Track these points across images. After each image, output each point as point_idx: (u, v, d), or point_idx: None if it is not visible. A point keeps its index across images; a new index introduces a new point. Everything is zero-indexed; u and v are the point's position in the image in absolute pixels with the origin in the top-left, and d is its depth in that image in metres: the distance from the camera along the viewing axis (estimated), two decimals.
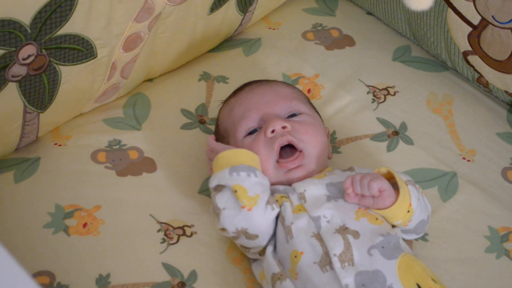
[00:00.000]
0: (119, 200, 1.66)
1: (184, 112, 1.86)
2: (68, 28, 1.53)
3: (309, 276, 1.40)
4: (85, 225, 1.61)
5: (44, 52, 1.53)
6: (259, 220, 1.47)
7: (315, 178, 1.56)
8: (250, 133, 1.61)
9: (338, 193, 1.52)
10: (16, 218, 1.61)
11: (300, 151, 1.57)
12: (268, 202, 1.48)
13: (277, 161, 1.57)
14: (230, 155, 1.51)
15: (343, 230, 1.44)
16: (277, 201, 1.51)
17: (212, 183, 1.50)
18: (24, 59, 1.50)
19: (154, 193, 1.69)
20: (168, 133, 1.81)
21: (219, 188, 1.49)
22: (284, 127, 1.57)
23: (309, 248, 1.43)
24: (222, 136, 1.69)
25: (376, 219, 1.49)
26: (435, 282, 1.41)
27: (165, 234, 1.61)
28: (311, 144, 1.58)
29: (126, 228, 1.62)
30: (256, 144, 1.58)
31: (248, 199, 1.45)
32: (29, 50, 1.50)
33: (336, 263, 1.39)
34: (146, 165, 1.74)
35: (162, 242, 1.60)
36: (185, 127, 1.83)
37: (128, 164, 1.73)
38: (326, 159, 1.64)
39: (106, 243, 1.59)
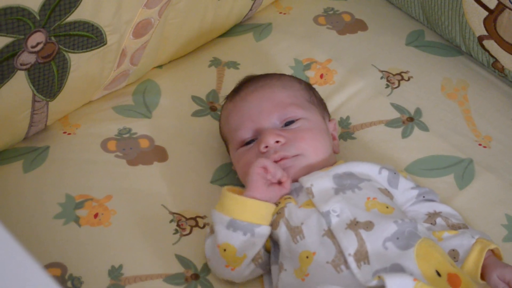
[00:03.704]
0: (131, 190, 1.63)
1: (195, 99, 1.83)
2: (77, 14, 1.49)
3: (323, 277, 1.36)
4: (96, 215, 1.58)
5: (53, 39, 1.49)
6: (241, 276, 1.48)
7: (321, 171, 1.52)
8: (247, 142, 1.58)
9: (344, 184, 1.49)
10: (26, 209, 1.58)
11: (295, 155, 1.54)
12: (254, 259, 1.46)
13: None
14: (237, 204, 1.45)
15: (354, 225, 1.40)
16: (277, 204, 1.48)
17: (212, 216, 1.47)
18: (33, 47, 1.47)
19: (165, 182, 1.66)
20: (179, 120, 1.78)
21: (212, 229, 1.47)
22: (277, 142, 1.53)
23: (321, 247, 1.39)
24: (223, 139, 1.67)
25: (387, 207, 1.45)
26: (454, 267, 1.38)
27: (178, 225, 1.58)
28: (308, 149, 1.54)
29: (138, 218, 1.59)
30: (249, 157, 1.55)
31: (234, 259, 1.45)
32: (38, 38, 1.46)
33: (352, 263, 1.35)
34: (157, 154, 1.71)
35: (174, 233, 1.57)
36: (196, 114, 1.80)
37: (139, 153, 1.70)
38: (332, 155, 1.60)
39: (117, 234, 1.56)
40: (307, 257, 1.39)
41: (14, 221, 1.55)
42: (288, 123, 1.57)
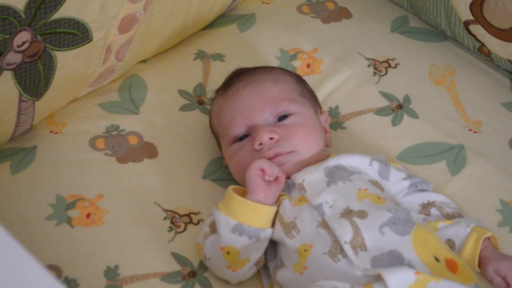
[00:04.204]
0: (122, 188, 1.61)
1: (182, 93, 1.80)
2: (63, 11, 1.46)
3: (320, 268, 1.35)
4: (88, 215, 1.55)
5: (39, 38, 1.46)
6: (241, 278, 1.48)
7: (312, 166, 1.51)
8: (241, 138, 1.56)
9: (335, 176, 1.47)
10: (16, 211, 1.55)
11: (289, 152, 1.52)
12: (256, 263, 1.45)
13: None
14: (246, 208, 1.42)
15: (347, 213, 1.39)
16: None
17: (215, 216, 1.44)
18: (19, 46, 1.44)
19: (157, 179, 1.63)
20: (167, 116, 1.76)
21: (215, 228, 1.44)
22: (271, 138, 1.51)
23: (317, 239, 1.38)
24: (214, 134, 1.65)
25: (378, 198, 1.44)
26: (450, 253, 1.38)
27: (172, 222, 1.56)
28: (301, 145, 1.53)
29: (131, 217, 1.56)
30: (243, 154, 1.54)
31: (237, 262, 1.44)
32: (23, 37, 1.43)
33: (349, 251, 1.33)
34: (147, 150, 1.68)
35: (169, 231, 1.55)
36: (184, 108, 1.78)
37: (128, 150, 1.67)
38: (325, 148, 1.59)
39: (111, 233, 1.54)
40: (305, 250, 1.38)
41: (5, 224, 1.51)
42: (281, 118, 1.56)
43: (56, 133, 1.69)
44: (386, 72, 1.87)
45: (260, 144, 1.51)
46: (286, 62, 1.88)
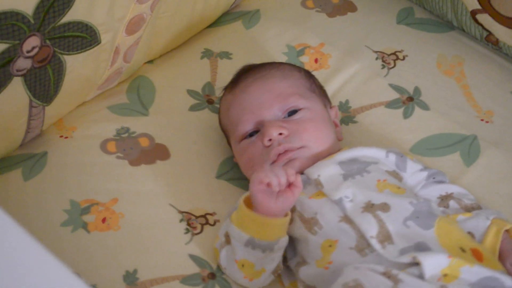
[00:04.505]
0: (136, 191, 1.59)
1: (191, 92, 1.79)
2: (71, 15, 1.44)
3: (347, 262, 1.33)
4: (104, 220, 1.54)
5: (48, 42, 1.44)
6: (259, 285, 1.46)
7: (325, 159, 1.50)
8: (250, 134, 1.55)
9: (352, 169, 1.46)
10: (31, 218, 1.53)
11: (300, 148, 1.51)
12: (273, 272, 1.44)
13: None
14: (255, 222, 1.39)
15: (370, 207, 1.38)
16: None
17: (228, 229, 1.43)
18: (28, 52, 1.42)
19: (170, 181, 1.62)
20: (177, 116, 1.74)
21: (229, 239, 1.43)
22: (281, 134, 1.50)
23: (341, 234, 1.37)
24: (223, 131, 1.64)
25: (398, 188, 1.44)
26: (474, 243, 1.37)
27: (188, 224, 1.54)
28: (311, 140, 1.51)
29: (147, 220, 1.55)
30: (253, 151, 1.53)
31: (252, 273, 1.43)
32: (33, 42, 1.41)
33: (376, 245, 1.32)
34: (159, 152, 1.66)
35: (186, 233, 1.53)
36: (193, 108, 1.76)
37: (140, 152, 1.66)
38: (336, 142, 1.57)
39: (128, 237, 1.52)
40: (330, 245, 1.37)
41: None
42: (290, 113, 1.54)
43: (66, 137, 1.67)
44: (395, 65, 1.86)
45: (270, 140, 1.50)
46: (293, 58, 1.86)
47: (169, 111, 1.75)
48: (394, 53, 1.88)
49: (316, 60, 1.86)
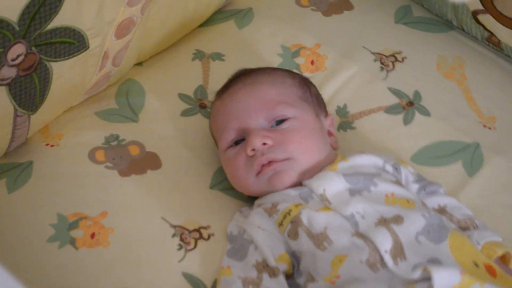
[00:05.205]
0: (126, 203, 1.52)
1: (182, 96, 1.71)
2: (58, 20, 1.36)
3: (356, 277, 1.28)
4: (93, 235, 1.46)
5: (34, 49, 1.36)
6: None
7: (327, 170, 1.43)
8: (236, 142, 1.49)
9: (357, 182, 1.40)
10: (16, 233, 1.46)
11: (284, 159, 1.44)
12: None
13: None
14: None
15: (383, 221, 1.32)
16: (289, 213, 1.38)
17: None
18: (13, 60, 1.34)
19: (162, 192, 1.54)
20: (168, 122, 1.67)
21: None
22: (264, 144, 1.44)
23: (354, 248, 1.31)
24: (213, 138, 1.58)
25: (408, 201, 1.38)
26: (486, 258, 1.32)
27: (181, 239, 1.47)
28: (297, 151, 1.45)
29: (138, 235, 1.47)
30: (237, 161, 1.47)
31: None
32: (18, 50, 1.33)
33: (389, 261, 1.27)
34: (150, 161, 1.59)
35: (179, 249, 1.46)
36: (185, 113, 1.69)
37: (130, 161, 1.58)
38: (331, 152, 1.51)
39: (118, 254, 1.44)
40: (340, 261, 1.31)
41: (5, 248, 1.43)
42: (278, 122, 1.48)
43: (52, 146, 1.59)
44: (394, 67, 1.79)
45: (253, 149, 1.44)
46: (288, 60, 1.79)
47: (160, 117, 1.67)
48: (392, 55, 1.81)
49: (312, 62, 1.79)
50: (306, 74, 1.75)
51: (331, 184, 1.40)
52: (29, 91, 1.42)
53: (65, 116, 1.64)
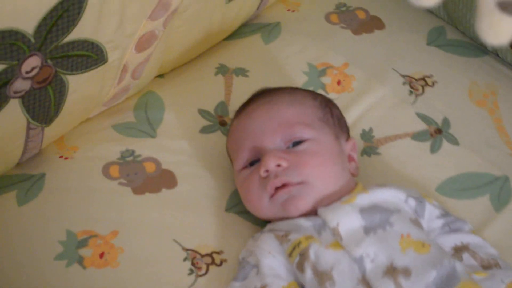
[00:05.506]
0: (138, 223, 1.47)
1: (202, 112, 1.66)
2: (76, 33, 1.31)
3: None
4: (102, 255, 1.42)
5: (49, 62, 1.32)
6: None
7: (344, 203, 1.36)
8: (251, 162, 1.44)
9: (374, 219, 1.33)
10: (24, 249, 1.41)
11: (299, 183, 1.38)
12: None
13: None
14: None
15: (392, 271, 1.25)
16: (298, 245, 1.32)
17: None
18: (27, 72, 1.29)
19: (176, 213, 1.49)
20: (186, 139, 1.61)
21: None
22: (279, 165, 1.38)
23: None
24: (229, 157, 1.53)
25: (423, 246, 1.30)
26: None
27: (193, 264, 1.42)
28: (313, 176, 1.38)
29: (148, 257, 1.43)
30: (251, 182, 1.41)
31: None
32: (33, 62, 1.29)
33: None
34: (165, 179, 1.54)
35: (189, 274, 1.41)
36: (204, 130, 1.63)
37: (145, 179, 1.53)
38: (350, 179, 1.45)
39: (127, 276, 1.40)
40: None
41: (11, 263, 1.39)
42: (295, 143, 1.42)
43: (66, 158, 1.55)
44: (423, 91, 1.73)
45: (267, 171, 1.38)
46: (314, 79, 1.73)
47: (178, 133, 1.62)
48: (423, 78, 1.75)
49: (339, 82, 1.73)
50: (332, 94, 1.70)
51: (346, 220, 1.33)
52: (43, 104, 1.38)
53: (81, 128, 1.59)
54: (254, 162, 1.43)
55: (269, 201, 1.39)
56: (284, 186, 1.38)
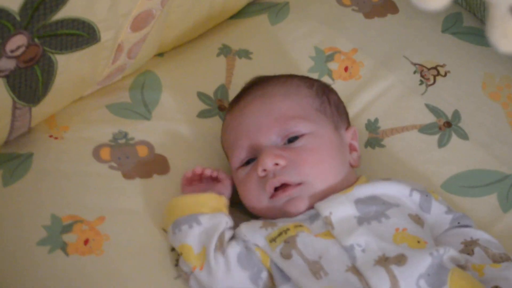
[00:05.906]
0: (126, 209, 1.42)
1: (201, 96, 1.60)
2: (66, 11, 1.25)
3: None
4: (86, 241, 1.37)
5: (36, 41, 1.26)
6: (216, 273, 1.29)
7: (341, 193, 1.32)
8: (248, 161, 1.39)
9: (369, 211, 1.29)
10: (6, 231, 1.37)
11: (298, 184, 1.33)
12: (216, 248, 1.28)
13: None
14: (171, 208, 1.36)
15: (384, 260, 1.21)
16: (286, 231, 1.28)
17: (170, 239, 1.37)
18: (12, 51, 1.24)
19: (166, 200, 1.42)
20: (183, 122, 1.56)
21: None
22: (277, 164, 1.33)
23: (346, 285, 1.20)
24: (225, 153, 1.48)
25: (418, 242, 1.26)
26: None
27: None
28: (312, 175, 1.34)
29: (134, 246, 1.38)
30: (249, 182, 1.37)
31: (195, 258, 1.30)
32: (18, 41, 1.23)
33: None
34: (157, 164, 1.48)
35: (176, 265, 1.36)
36: (202, 114, 1.57)
37: (136, 163, 1.47)
38: (350, 172, 1.40)
39: (111, 265, 1.35)
40: None
41: None
42: (292, 139, 1.37)
43: (56, 138, 1.49)
44: (434, 81, 1.65)
45: (264, 170, 1.33)
46: (320, 64, 1.66)
47: (175, 116, 1.56)
48: (435, 67, 1.67)
49: (346, 68, 1.65)
50: (338, 81, 1.63)
51: (339, 209, 1.29)
52: (30, 84, 1.33)
53: (74, 106, 1.53)
54: (251, 160, 1.38)
55: (268, 201, 1.35)
56: (283, 186, 1.33)
